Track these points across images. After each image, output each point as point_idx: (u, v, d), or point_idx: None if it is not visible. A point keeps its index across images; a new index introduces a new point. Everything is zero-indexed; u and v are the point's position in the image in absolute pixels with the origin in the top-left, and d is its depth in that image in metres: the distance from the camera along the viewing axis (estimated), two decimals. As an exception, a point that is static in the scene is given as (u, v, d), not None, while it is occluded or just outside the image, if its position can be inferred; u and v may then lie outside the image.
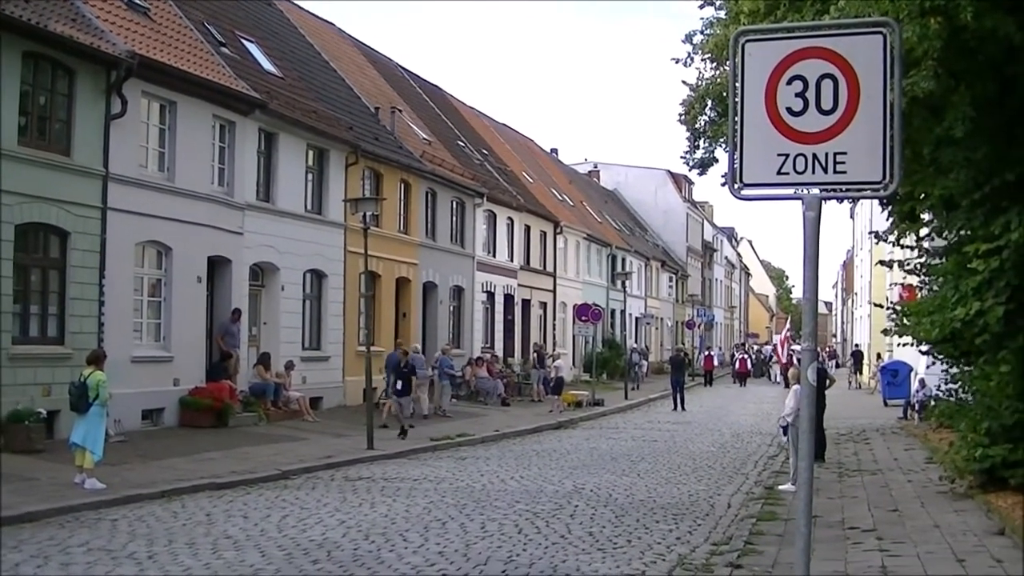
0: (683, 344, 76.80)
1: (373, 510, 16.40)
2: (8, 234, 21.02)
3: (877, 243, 25.42)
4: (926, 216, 21.49)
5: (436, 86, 58.13)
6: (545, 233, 56.44)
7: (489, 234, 48.47)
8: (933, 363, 27.33)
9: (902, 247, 23.39)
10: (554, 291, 57.57)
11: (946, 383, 24.82)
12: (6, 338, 21.03)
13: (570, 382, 41.87)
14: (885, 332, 26.36)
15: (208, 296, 28.02)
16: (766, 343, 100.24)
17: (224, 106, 27.90)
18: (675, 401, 42.68)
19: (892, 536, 13.96)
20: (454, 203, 44.03)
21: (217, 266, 28.29)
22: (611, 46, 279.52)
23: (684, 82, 20.97)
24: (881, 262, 24.68)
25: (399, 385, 28.07)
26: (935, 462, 21.98)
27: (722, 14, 20.07)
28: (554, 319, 57.49)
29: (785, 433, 20.66)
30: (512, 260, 51.25)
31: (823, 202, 7.18)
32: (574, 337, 56.68)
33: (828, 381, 24.96)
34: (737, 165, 7.21)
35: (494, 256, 48.71)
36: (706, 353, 67.05)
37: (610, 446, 27.40)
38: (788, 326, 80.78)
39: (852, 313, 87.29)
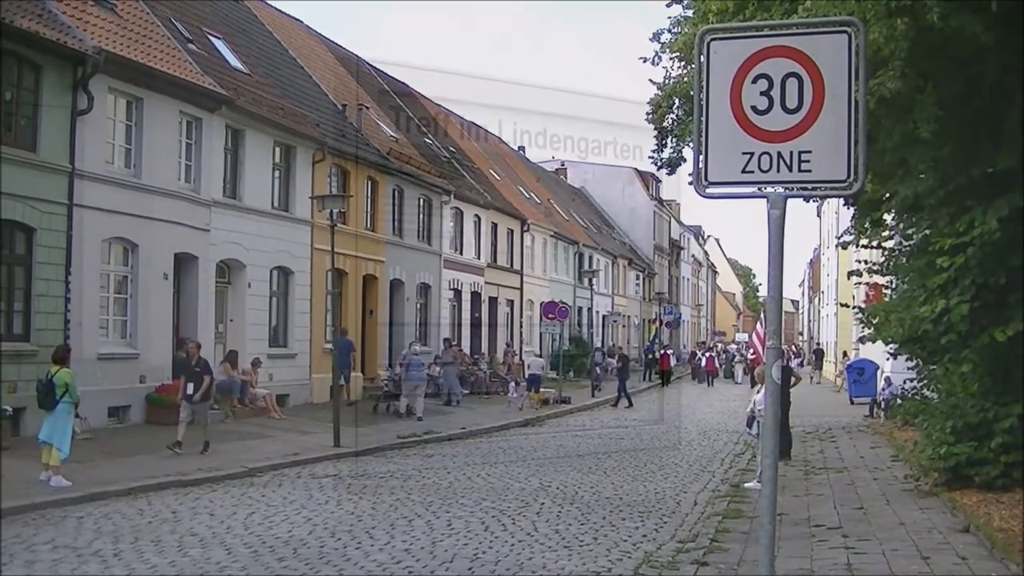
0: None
1: (339, 507, 16.40)
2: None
3: (844, 247, 25.38)
4: (889, 218, 21.61)
5: (403, 84, 57.95)
6: (512, 231, 56.44)
7: (456, 231, 48.40)
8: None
9: (868, 247, 23.44)
10: (521, 289, 57.58)
11: (912, 382, 25.01)
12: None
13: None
14: (862, 340, 26.43)
15: (174, 293, 27.90)
16: (732, 342, 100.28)
17: (191, 102, 27.79)
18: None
19: (857, 534, 14.03)
20: (421, 200, 43.94)
21: (183, 263, 28.17)
22: (578, 45, 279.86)
23: (651, 81, 21.00)
24: (851, 273, 24.66)
25: (189, 389, 22.48)
26: (900, 460, 22.10)
27: (690, 13, 20.11)
28: (521, 317, 57.49)
29: (749, 425, 20.71)
30: (479, 258, 51.25)
31: (788, 200, 7.18)
32: (541, 335, 56.62)
33: (793, 379, 25.06)
34: (702, 163, 7.20)
35: (461, 254, 48.65)
36: (661, 352, 66.36)
37: (576, 444, 27.44)
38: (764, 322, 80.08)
39: (819, 311, 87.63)
